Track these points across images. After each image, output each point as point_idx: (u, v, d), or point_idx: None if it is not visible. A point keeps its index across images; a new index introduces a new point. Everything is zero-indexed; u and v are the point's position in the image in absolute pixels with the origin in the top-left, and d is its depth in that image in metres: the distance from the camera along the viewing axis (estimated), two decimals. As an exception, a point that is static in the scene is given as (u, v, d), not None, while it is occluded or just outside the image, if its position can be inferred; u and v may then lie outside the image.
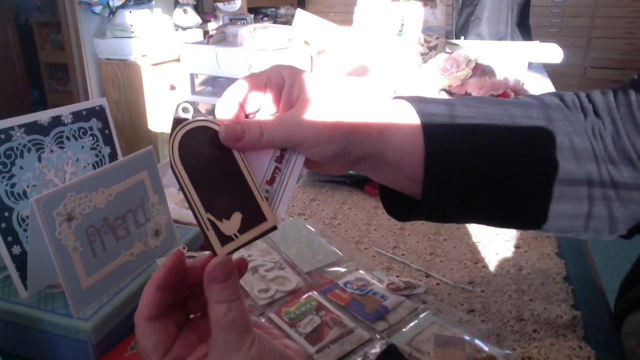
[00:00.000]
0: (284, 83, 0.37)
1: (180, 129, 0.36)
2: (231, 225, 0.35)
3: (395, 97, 0.42)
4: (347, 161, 0.39)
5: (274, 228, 0.37)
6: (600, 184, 0.41)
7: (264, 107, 0.38)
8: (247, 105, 0.37)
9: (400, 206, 0.44)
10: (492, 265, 0.69)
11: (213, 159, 0.36)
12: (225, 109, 0.37)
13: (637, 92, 0.42)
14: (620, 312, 0.64)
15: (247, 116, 0.38)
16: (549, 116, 0.42)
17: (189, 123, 0.36)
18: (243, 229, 0.36)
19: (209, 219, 0.35)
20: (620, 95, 0.43)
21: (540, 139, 0.41)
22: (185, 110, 0.37)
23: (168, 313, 0.36)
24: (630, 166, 0.41)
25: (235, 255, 0.36)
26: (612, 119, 0.42)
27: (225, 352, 0.32)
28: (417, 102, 0.41)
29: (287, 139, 0.37)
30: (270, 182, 0.38)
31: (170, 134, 0.36)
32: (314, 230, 0.74)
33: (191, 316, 0.38)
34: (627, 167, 0.41)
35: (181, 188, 0.36)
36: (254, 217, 0.36)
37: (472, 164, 0.40)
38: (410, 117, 0.40)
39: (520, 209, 0.42)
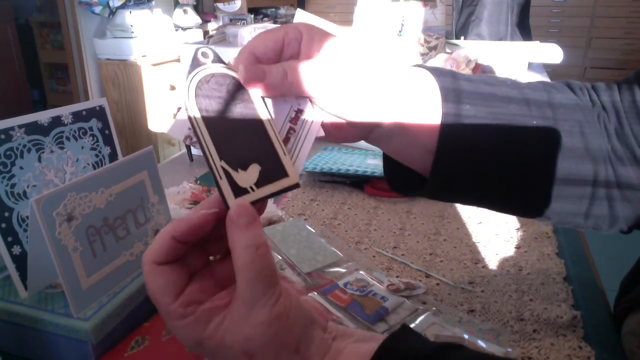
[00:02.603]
0: (301, 37, 0.36)
1: (197, 72, 0.34)
2: (248, 176, 0.33)
3: (415, 66, 0.42)
4: (366, 126, 0.39)
5: (296, 186, 0.34)
6: (604, 184, 0.41)
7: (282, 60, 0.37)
8: (265, 59, 0.36)
9: (405, 181, 0.44)
10: (492, 265, 0.69)
11: (232, 107, 0.34)
12: (242, 59, 0.35)
13: None
14: (620, 312, 0.64)
15: None
16: (556, 116, 0.42)
17: (207, 67, 0.34)
18: (261, 183, 0.33)
19: (222, 167, 0.33)
20: (625, 90, 0.43)
21: (549, 138, 0.41)
22: (204, 55, 0.34)
23: (181, 259, 0.33)
24: (636, 164, 0.41)
25: None
26: (617, 112, 0.42)
27: (250, 306, 0.30)
28: (439, 75, 0.41)
29: (311, 85, 0.35)
30: (285, 142, 0.35)
31: (187, 77, 0.34)
32: (313, 230, 0.74)
33: (211, 258, 0.35)
34: (632, 165, 0.41)
35: (194, 131, 0.33)
36: (273, 170, 0.34)
37: (485, 144, 0.40)
38: (431, 92, 0.40)
39: (523, 195, 0.42)
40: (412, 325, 0.54)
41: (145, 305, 0.54)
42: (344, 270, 0.65)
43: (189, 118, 0.33)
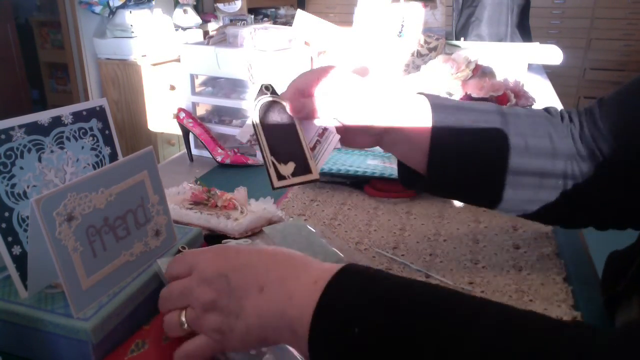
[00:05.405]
0: (330, 75, 0.55)
1: (262, 98, 0.54)
2: (287, 168, 0.53)
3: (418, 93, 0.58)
4: (374, 133, 0.56)
5: (316, 180, 0.54)
6: (572, 177, 0.56)
7: (316, 93, 0.56)
8: (305, 90, 0.55)
9: (413, 180, 0.60)
10: (492, 265, 0.69)
11: (280, 124, 0.54)
12: (289, 93, 0.56)
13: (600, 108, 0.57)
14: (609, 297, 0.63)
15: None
16: (525, 125, 0.58)
17: (267, 97, 0.55)
18: (294, 174, 0.53)
19: (272, 160, 0.52)
20: (585, 111, 0.59)
21: (502, 140, 0.56)
22: (267, 88, 0.55)
23: None
24: (594, 159, 0.55)
25: None
26: (580, 122, 0.58)
27: None
28: (429, 95, 0.58)
29: (334, 111, 0.55)
30: (312, 149, 0.56)
31: (255, 99, 0.54)
32: (314, 231, 0.74)
33: None
34: (590, 160, 0.55)
35: (257, 137, 0.53)
36: (303, 167, 0.53)
37: (464, 146, 0.55)
38: (424, 107, 0.56)
39: (491, 190, 0.57)
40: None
41: (145, 306, 0.54)
42: (343, 271, 0.65)
43: (254, 126, 0.54)
